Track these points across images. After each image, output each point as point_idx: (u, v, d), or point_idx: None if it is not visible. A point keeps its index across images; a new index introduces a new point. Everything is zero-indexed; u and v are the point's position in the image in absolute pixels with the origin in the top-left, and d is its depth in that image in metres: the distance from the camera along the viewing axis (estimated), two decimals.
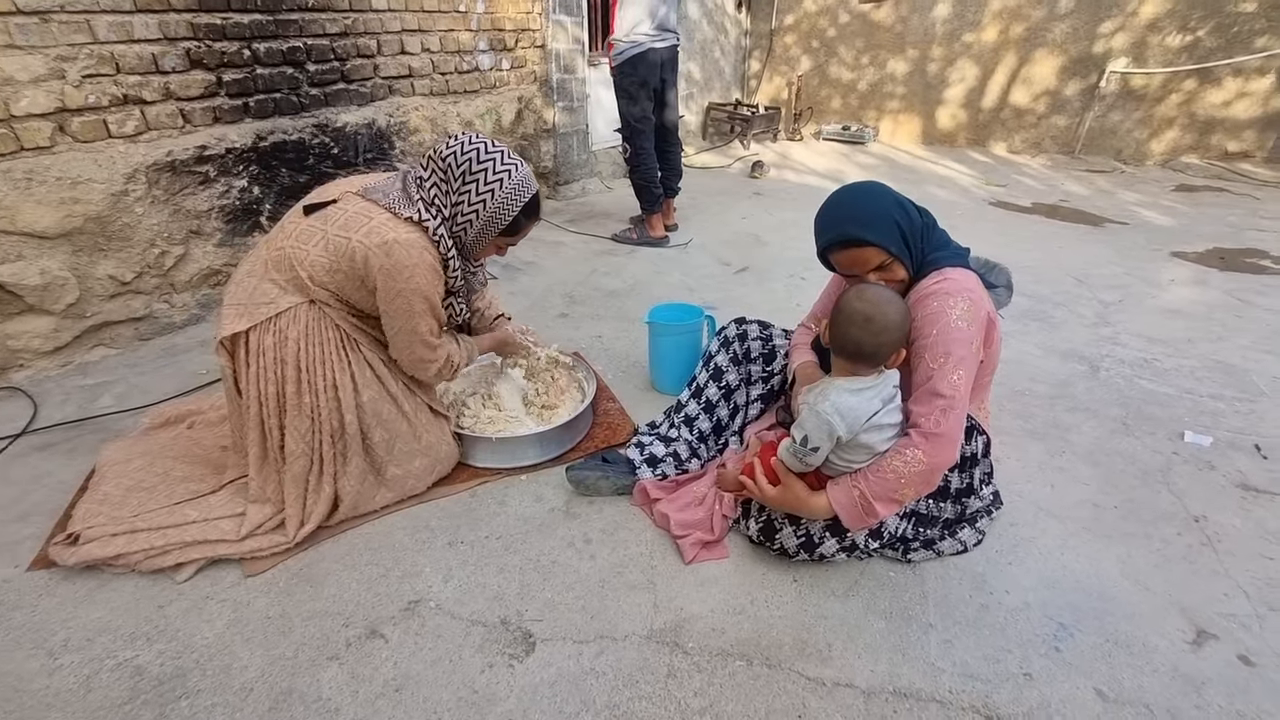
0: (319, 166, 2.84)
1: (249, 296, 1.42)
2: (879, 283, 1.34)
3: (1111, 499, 1.65)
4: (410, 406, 1.57)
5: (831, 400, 1.20)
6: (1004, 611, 1.32)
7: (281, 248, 1.44)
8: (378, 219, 1.41)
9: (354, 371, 1.48)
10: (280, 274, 1.43)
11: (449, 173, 1.46)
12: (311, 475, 1.48)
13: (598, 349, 2.42)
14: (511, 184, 1.48)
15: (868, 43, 6.44)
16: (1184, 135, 5.45)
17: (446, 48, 3.35)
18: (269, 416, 1.43)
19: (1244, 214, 4.14)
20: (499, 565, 1.43)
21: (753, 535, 1.43)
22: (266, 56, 2.59)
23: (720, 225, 3.92)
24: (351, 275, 1.41)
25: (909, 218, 1.34)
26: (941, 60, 6.17)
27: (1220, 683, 1.18)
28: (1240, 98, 5.15)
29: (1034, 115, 5.96)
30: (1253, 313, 2.72)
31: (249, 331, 1.40)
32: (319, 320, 1.44)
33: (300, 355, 1.42)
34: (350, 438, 1.48)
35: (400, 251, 1.38)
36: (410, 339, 1.48)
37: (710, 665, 1.20)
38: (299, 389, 1.43)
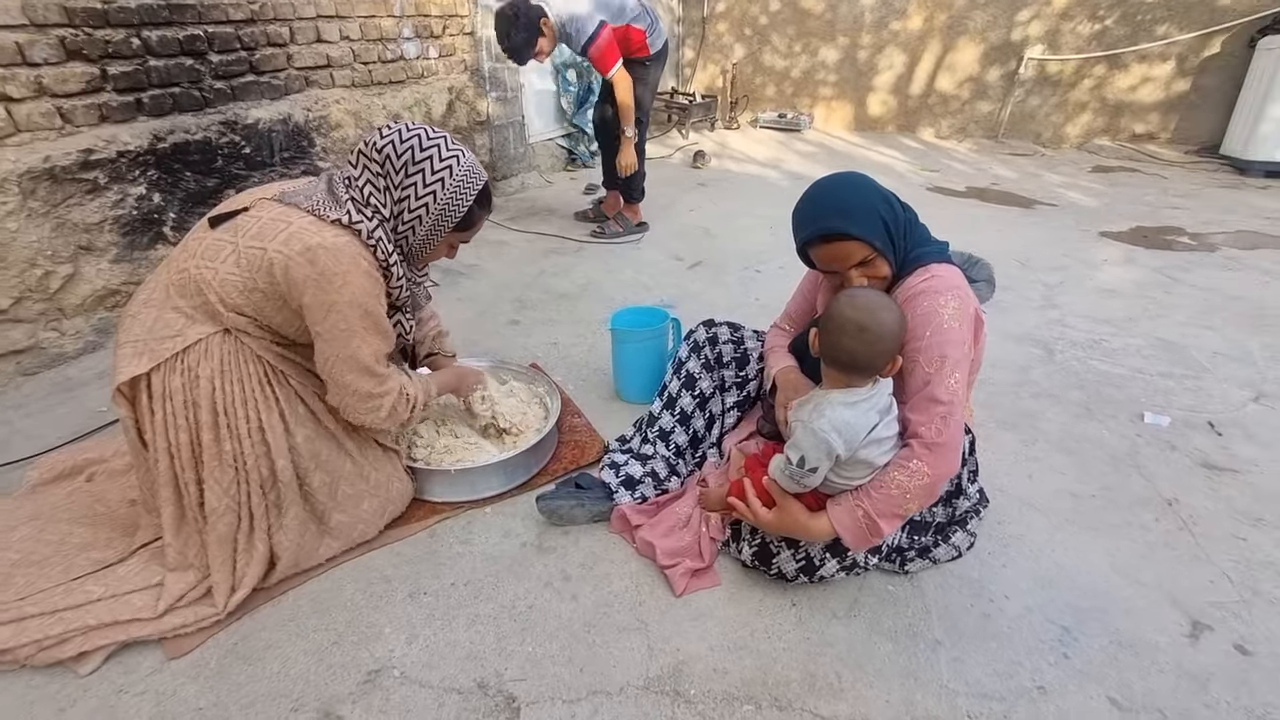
0: (229, 169, 2.54)
1: (148, 331, 1.20)
2: (864, 282, 1.26)
3: (1088, 487, 1.65)
4: (353, 443, 1.39)
5: (828, 417, 1.11)
6: (1006, 619, 1.28)
7: (185, 269, 1.23)
8: (298, 223, 1.21)
9: (283, 409, 1.28)
10: (186, 300, 1.22)
11: (387, 165, 1.27)
12: (240, 534, 1.27)
13: (554, 357, 2.28)
14: (461, 171, 1.30)
15: (799, 30, 6.45)
16: (1096, 119, 5.74)
17: (368, 35, 3.08)
18: (183, 470, 1.22)
19: (1157, 193, 4.38)
20: (470, 616, 1.28)
21: (746, 560, 1.34)
22: (160, 46, 2.28)
23: (669, 218, 3.81)
24: (271, 294, 1.21)
25: (893, 211, 1.27)
26: (871, 48, 6.26)
27: (1223, 676, 1.17)
28: (1145, 82, 5.45)
29: (959, 101, 6.14)
30: (1181, 289, 2.84)
31: (151, 373, 1.19)
32: (236, 353, 1.23)
33: (216, 396, 1.21)
34: (284, 486, 1.29)
35: (327, 258, 1.18)
36: (349, 370, 1.25)
37: (717, 714, 1.10)
38: (217, 435, 1.22)
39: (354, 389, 1.27)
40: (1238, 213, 3.91)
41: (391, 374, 1.34)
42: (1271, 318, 2.56)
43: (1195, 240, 3.46)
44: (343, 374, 1.26)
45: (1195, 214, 3.90)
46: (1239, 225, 3.67)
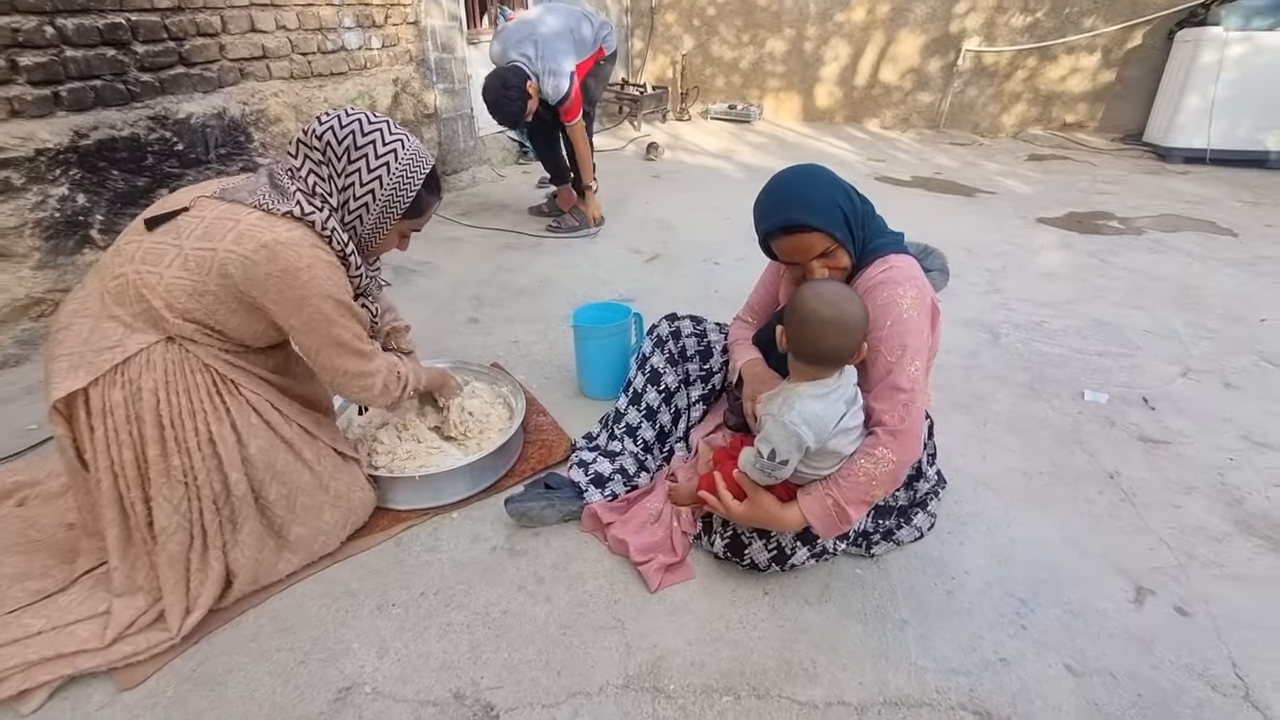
0: (161, 166, 2.40)
1: (84, 342, 1.13)
2: (825, 273, 1.28)
3: (1036, 464, 1.73)
4: (311, 452, 1.33)
5: (797, 410, 1.13)
6: (968, 595, 1.33)
7: (122, 275, 1.15)
8: (247, 220, 1.16)
9: (234, 419, 1.22)
10: (125, 308, 1.15)
11: (328, 152, 1.22)
12: (193, 552, 1.21)
13: (516, 356, 2.24)
14: (406, 155, 1.26)
15: (747, 21, 6.50)
16: (1030, 109, 5.99)
17: (306, 25, 2.95)
18: (128, 489, 1.15)
19: (1088, 180, 4.60)
20: (442, 626, 1.25)
21: (719, 552, 1.35)
22: (78, 35, 2.12)
23: (624, 211, 3.80)
24: (224, 296, 1.16)
25: (851, 203, 1.29)
26: (816, 39, 6.36)
27: (1165, 637, 1.25)
28: (1074, 73, 5.71)
29: (902, 92, 6.31)
30: (1113, 271, 3.00)
31: (89, 388, 1.11)
32: (181, 362, 1.17)
33: (161, 409, 1.15)
34: (239, 500, 1.23)
35: (287, 253, 1.15)
36: (336, 354, 1.25)
37: (697, 707, 1.10)
38: (164, 450, 1.16)
39: (343, 370, 1.28)
40: (1160, 197, 4.15)
41: (378, 351, 1.34)
42: (1194, 297, 2.73)
43: (1124, 224, 3.65)
44: (330, 359, 1.26)
45: (1123, 199, 4.12)
46: (1162, 209, 3.90)
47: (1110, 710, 1.11)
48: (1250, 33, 4.48)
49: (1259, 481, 1.67)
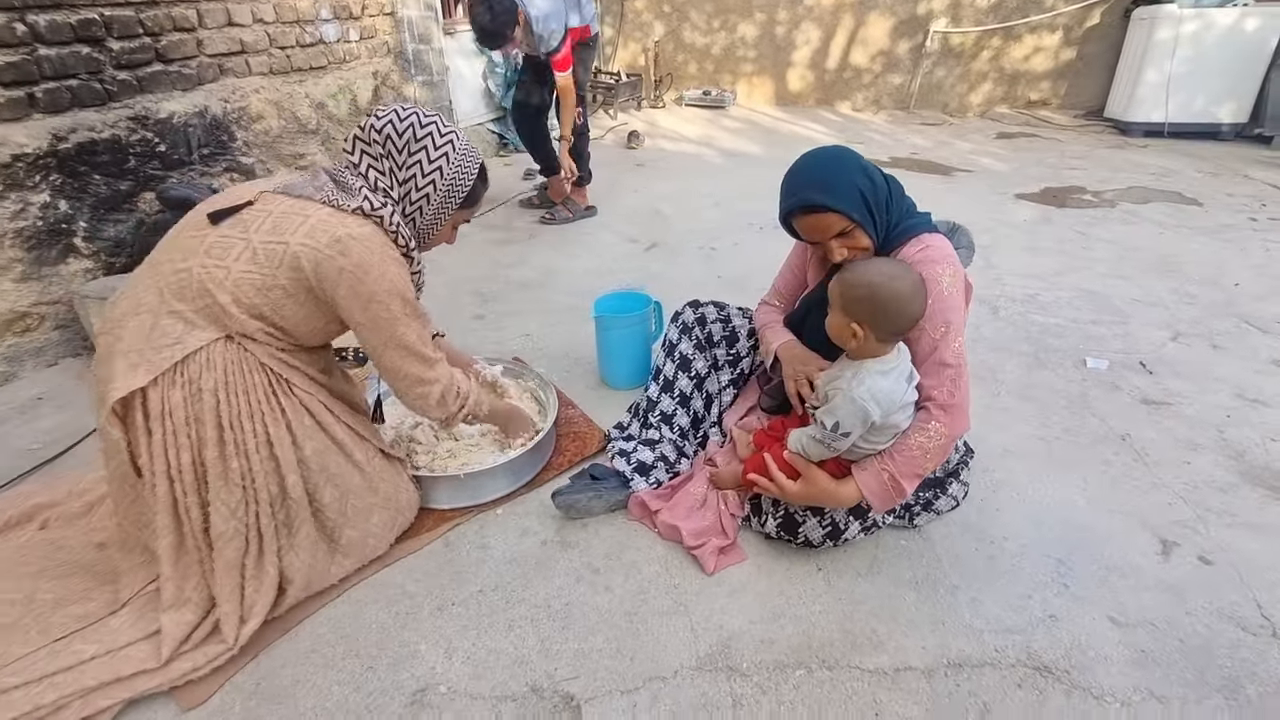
0: (143, 169, 2.30)
1: (144, 339, 1.09)
2: (845, 253, 1.29)
3: (1053, 430, 1.80)
4: (361, 454, 1.31)
5: (867, 385, 1.15)
6: (1009, 558, 1.39)
7: (185, 269, 1.12)
8: (317, 215, 1.16)
9: (290, 421, 1.20)
10: (186, 303, 1.12)
11: (388, 145, 1.23)
12: (248, 558, 1.18)
13: (531, 350, 2.23)
14: (462, 147, 1.29)
15: (717, 7, 6.50)
16: (996, 88, 6.15)
17: (283, 17, 2.84)
18: (184, 495, 1.12)
19: (1056, 156, 4.75)
20: (506, 622, 1.25)
21: (770, 532, 1.38)
22: (50, 32, 2.01)
23: (616, 200, 3.78)
24: (295, 289, 1.15)
25: (873, 184, 1.30)
26: (787, 23, 6.39)
27: (1194, 586, 1.32)
28: (1037, 52, 5.88)
29: (872, 74, 6.40)
30: (1094, 243, 3.12)
31: (148, 389, 1.08)
32: (240, 361, 1.15)
33: (221, 409, 1.12)
34: (295, 503, 1.21)
35: (359, 249, 1.14)
36: (399, 355, 1.24)
37: (773, 683, 1.13)
38: (223, 453, 1.13)
39: (404, 373, 1.26)
40: (1126, 170, 4.32)
41: (441, 360, 1.33)
42: (1172, 264, 2.86)
43: (1096, 198, 3.79)
44: (392, 360, 1.24)
45: (1092, 173, 4.27)
46: (1129, 182, 4.06)
47: (1158, 657, 1.18)
48: (1202, 9, 4.67)
49: (1257, 436, 1.77)
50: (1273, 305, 2.49)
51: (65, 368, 2.12)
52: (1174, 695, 1.11)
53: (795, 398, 1.42)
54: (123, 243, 2.24)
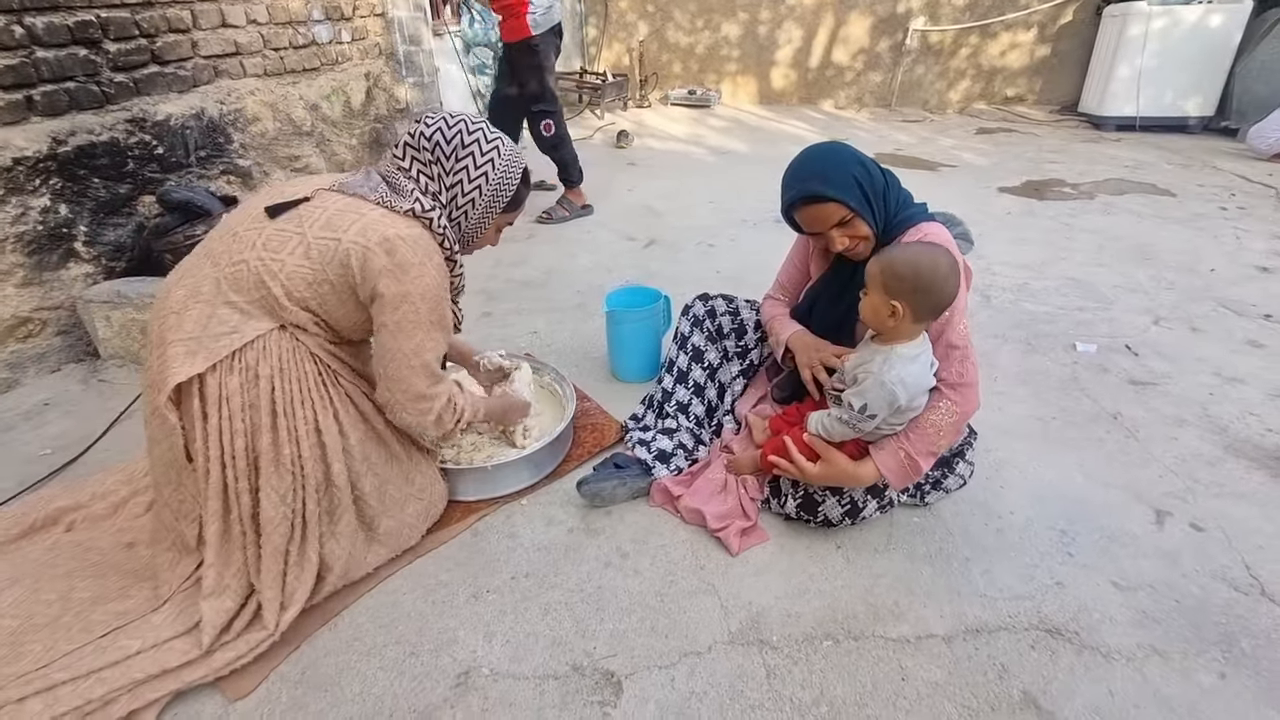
0: (142, 172, 2.28)
1: (202, 328, 1.12)
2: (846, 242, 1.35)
3: (1049, 410, 1.88)
4: (400, 446, 1.36)
5: (897, 370, 1.20)
6: (1016, 532, 1.46)
7: (242, 260, 1.16)
8: (371, 215, 1.19)
9: (337, 410, 1.24)
10: (242, 295, 1.15)
11: (438, 151, 1.27)
12: (292, 544, 1.21)
13: (539, 346, 2.26)
14: (507, 151, 1.32)
15: (700, 6, 6.56)
16: (974, 84, 6.29)
17: (276, 18, 2.84)
18: (236, 480, 1.14)
19: (1035, 150, 4.89)
20: (542, 606, 1.28)
21: (790, 513, 1.43)
22: (47, 34, 1.99)
23: (611, 199, 3.82)
24: (341, 285, 1.18)
25: (869, 175, 1.36)
26: (770, 22, 6.48)
27: (1188, 551, 1.40)
28: (1012, 49, 6.03)
29: (854, 72, 6.52)
30: (1076, 234, 3.24)
31: (206, 374, 1.11)
32: (294, 350, 1.19)
33: (276, 395, 1.16)
34: (339, 490, 1.24)
35: (405, 249, 1.17)
36: (408, 365, 1.23)
37: (803, 653, 1.18)
38: (275, 439, 1.16)
39: (408, 386, 1.25)
40: (1102, 163, 4.47)
41: (445, 378, 1.33)
42: (1150, 252, 2.98)
43: (1075, 190, 3.92)
44: (400, 369, 1.23)
45: (1070, 166, 4.40)
46: (1106, 174, 4.20)
47: (1157, 616, 1.25)
48: (1171, 6, 4.84)
49: (1237, 411, 1.86)
50: (1245, 289, 2.61)
51: (68, 373, 2.10)
52: (1174, 651, 1.18)
53: (812, 384, 1.47)
54: (123, 247, 2.23)
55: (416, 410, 1.27)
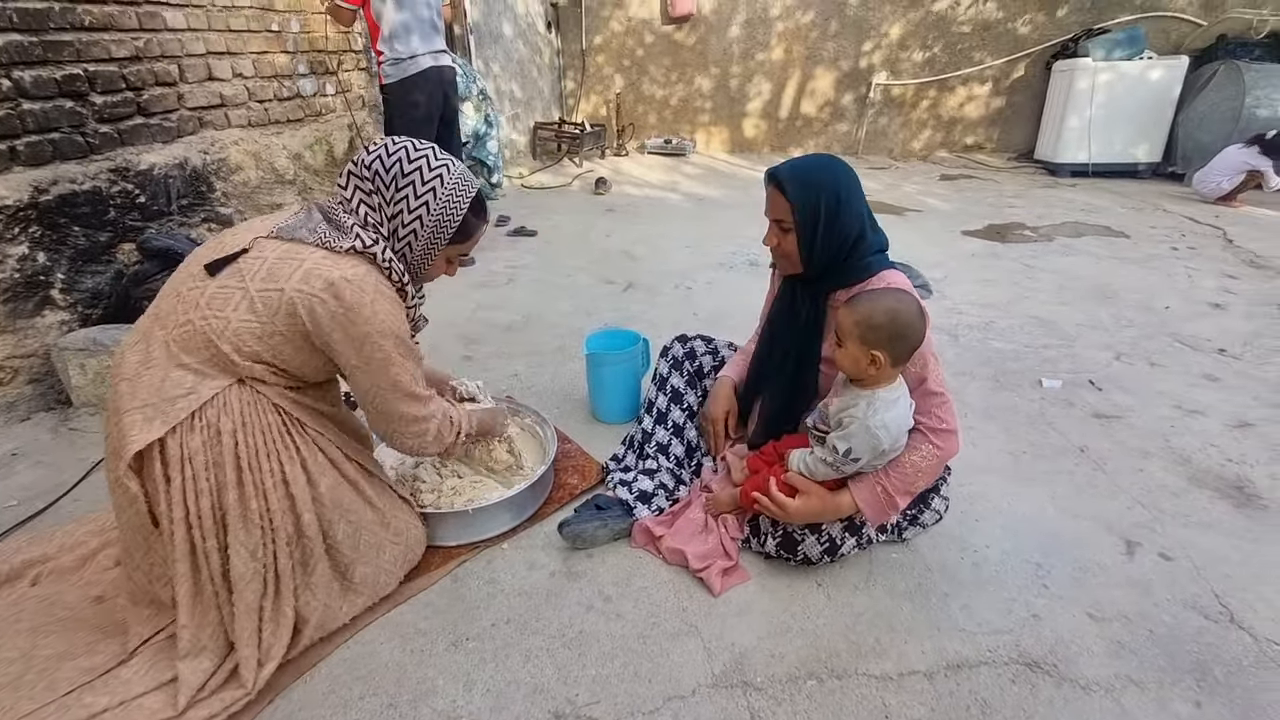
0: (123, 220, 2.29)
1: (157, 393, 1.10)
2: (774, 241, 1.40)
3: (1019, 446, 1.93)
4: (372, 489, 1.33)
5: (881, 415, 1.24)
6: (992, 565, 1.48)
7: (187, 322, 1.13)
8: (311, 259, 1.15)
9: (304, 458, 1.22)
10: (193, 356, 1.13)
11: (377, 180, 1.22)
12: (266, 600, 1.18)
13: (520, 389, 2.27)
14: (452, 179, 1.25)
15: (674, 61, 6.85)
16: (935, 134, 6.60)
17: (262, 72, 2.91)
18: (203, 540, 1.12)
19: (995, 195, 5.12)
20: (523, 653, 1.27)
21: (770, 551, 1.44)
22: (34, 87, 2.03)
23: (588, 244, 3.90)
24: (291, 335, 1.16)
25: (836, 216, 1.34)
26: (740, 76, 6.78)
27: (1158, 581, 1.43)
28: (970, 101, 6.37)
29: (821, 123, 6.81)
30: (1038, 274, 3.37)
31: (166, 437, 1.09)
32: (255, 403, 1.17)
33: (240, 450, 1.14)
34: (310, 540, 1.22)
35: (351, 290, 1.14)
36: (394, 397, 1.23)
37: (787, 694, 1.18)
38: (242, 494, 1.14)
39: (400, 414, 1.25)
40: (1059, 207, 4.69)
41: (433, 396, 1.33)
42: (1109, 291, 3.11)
43: (1035, 232, 4.10)
44: (386, 402, 1.23)
45: (1029, 210, 4.61)
46: (1063, 218, 4.40)
47: (1132, 646, 1.27)
48: (1114, 62, 5.18)
49: (1198, 443, 1.93)
50: (1199, 325, 2.73)
51: (38, 422, 2.06)
52: (1150, 681, 1.20)
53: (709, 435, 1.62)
54: (100, 294, 2.22)
55: (414, 434, 1.28)
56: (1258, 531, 1.58)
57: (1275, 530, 1.58)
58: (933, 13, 6.09)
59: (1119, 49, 5.19)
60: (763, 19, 6.46)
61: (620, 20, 6.75)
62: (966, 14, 6.02)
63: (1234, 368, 2.38)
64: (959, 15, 6.04)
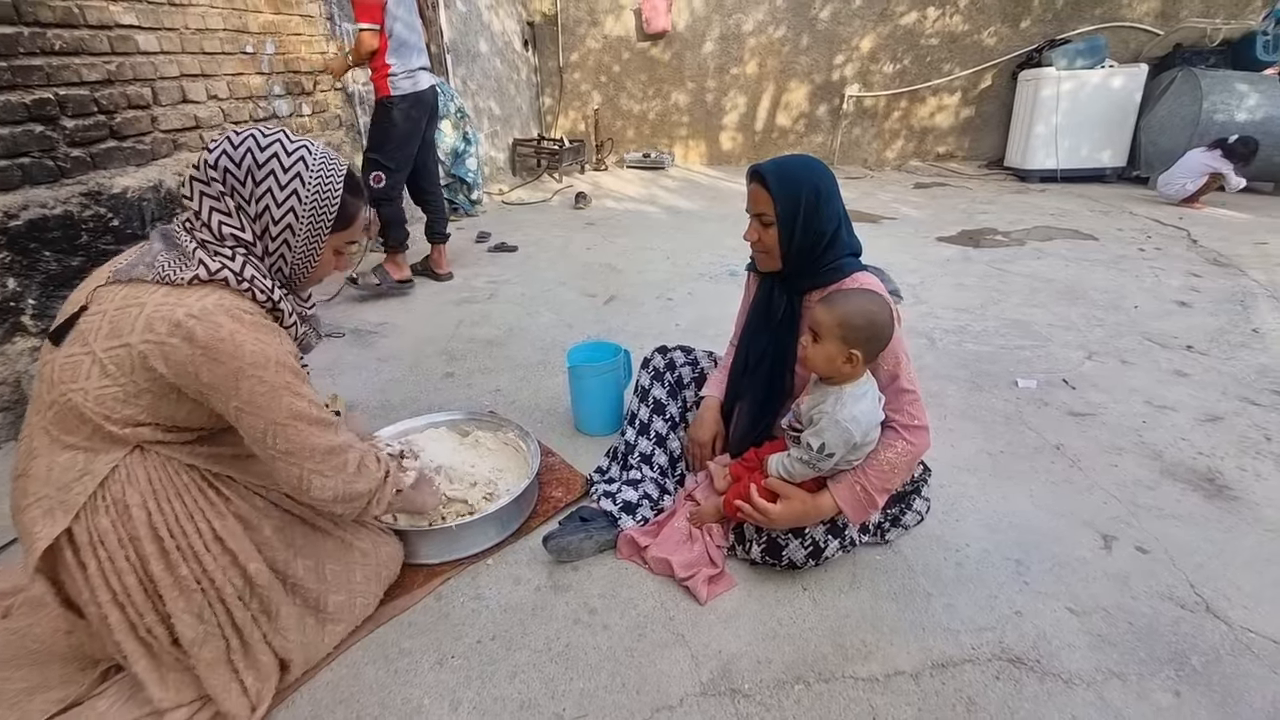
0: (96, 244, 2.26)
1: (48, 483, 1.02)
2: (755, 235, 1.43)
3: (997, 445, 1.96)
4: (326, 518, 1.29)
5: (849, 409, 1.26)
6: (973, 564, 1.50)
7: (52, 403, 1.01)
8: (152, 301, 1.00)
9: (238, 509, 1.14)
10: (74, 435, 1.02)
11: (229, 179, 1.05)
12: (234, 654, 1.14)
13: (502, 404, 2.26)
14: (317, 160, 1.09)
15: (651, 77, 6.94)
16: (907, 143, 6.74)
17: (237, 94, 2.90)
18: (140, 616, 1.06)
19: (967, 202, 5.23)
20: (509, 669, 1.25)
21: (756, 558, 1.44)
22: (4, 112, 2.00)
23: (570, 259, 3.91)
24: (160, 391, 1.02)
25: (816, 213, 1.37)
26: (716, 90, 6.88)
27: (1135, 573, 1.46)
28: (940, 111, 6.51)
29: (796, 134, 6.92)
30: (1010, 278, 3.44)
31: (72, 526, 1.02)
32: (162, 466, 1.07)
33: (155, 520, 1.05)
34: (265, 588, 1.16)
35: (203, 327, 0.98)
36: (295, 431, 1.05)
37: (775, 699, 1.18)
38: (168, 564, 1.06)
39: (311, 446, 1.07)
40: (1030, 212, 4.79)
41: (340, 423, 1.16)
42: (1079, 293, 3.18)
43: (1007, 237, 4.19)
44: (289, 439, 1.05)
45: (1001, 216, 4.71)
46: (1034, 222, 4.50)
47: (1112, 639, 1.29)
48: (1076, 71, 5.33)
49: (1170, 437, 1.98)
50: (1167, 323, 2.80)
51: (9, 452, 2.01)
52: (1131, 672, 1.22)
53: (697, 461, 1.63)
54: None
55: (333, 468, 1.10)
56: (1229, 522, 1.62)
57: (1245, 520, 1.62)
58: (901, 26, 6.24)
59: (1081, 58, 5.35)
60: (736, 34, 6.58)
61: (596, 38, 6.83)
62: (934, 27, 6.18)
63: (1202, 363, 2.44)
64: (926, 28, 6.20)
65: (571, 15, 6.76)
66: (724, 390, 1.69)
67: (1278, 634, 1.30)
